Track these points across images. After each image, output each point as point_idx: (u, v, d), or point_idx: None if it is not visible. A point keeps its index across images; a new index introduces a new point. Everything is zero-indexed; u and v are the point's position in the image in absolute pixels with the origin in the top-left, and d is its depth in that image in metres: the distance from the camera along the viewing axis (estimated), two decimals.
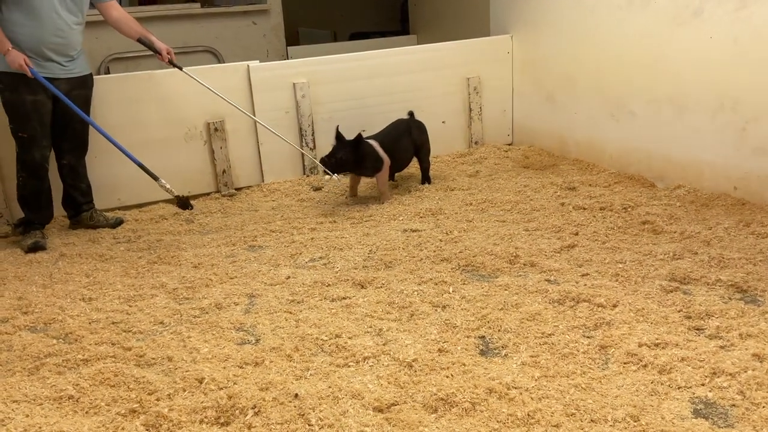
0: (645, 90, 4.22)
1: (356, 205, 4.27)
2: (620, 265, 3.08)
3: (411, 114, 4.58)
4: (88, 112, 3.94)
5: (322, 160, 4.04)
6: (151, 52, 4.16)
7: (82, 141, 3.99)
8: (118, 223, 4.12)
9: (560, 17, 4.80)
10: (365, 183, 4.52)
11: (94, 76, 4.07)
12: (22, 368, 2.50)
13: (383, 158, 4.14)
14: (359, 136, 4.02)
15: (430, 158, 4.65)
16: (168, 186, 3.66)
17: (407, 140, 4.40)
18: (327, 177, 4.29)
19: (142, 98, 4.35)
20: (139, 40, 4.03)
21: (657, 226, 3.50)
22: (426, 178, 4.62)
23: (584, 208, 3.85)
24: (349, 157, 4.00)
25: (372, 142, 4.14)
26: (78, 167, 4.03)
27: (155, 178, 3.69)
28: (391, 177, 4.53)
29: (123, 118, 4.31)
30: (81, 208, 4.11)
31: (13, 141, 3.77)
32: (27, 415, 2.20)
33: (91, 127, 3.97)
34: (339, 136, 4.05)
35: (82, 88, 3.90)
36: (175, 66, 4.11)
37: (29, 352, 2.61)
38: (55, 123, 3.82)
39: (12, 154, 3.83)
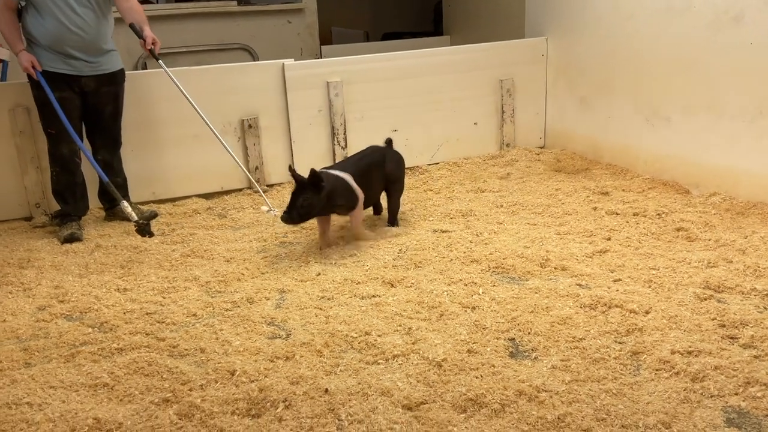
0: (681, 96, 4.16)
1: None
2: (653, 272, 3.05)
3: (389, 142, 3.92)
4: (118, 108, 4.02)
5: (284, 218, 3.32)
6: (183, 49, 4.13)
7: (113, 136, 4.04)
8: (152, 216, 4.18)
9: (597, 21, 4.76)
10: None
11: (134, 72, 4.10)
12: (58, 355, 2.56)
13: (357, 192, 3.51)
14: (313, 171, 3.31)
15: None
16: (129, 210, 3.62)
17: (378, 173, 3.73)
18: (265, 209, 3.94)
19: (177, 94, 4.40)
20: (131, 26, 3.88)
21: (691, 233, 3.45)
22: (393, 221, 3.86)
23: (617, 213, 3.81)
24: (313, 199, 3.30)
25: (343, 174, 3.49)
26: (112, 162, 4.08)
27: (119, 199, 3.65)
28: (376, 212, 4.07)
29: (159, 113, 4.39)
30: (116, 201, 4.17)
31: None
32: (63, 401, 2.25)
33: (123, 121, 4.04)
34: (296, 177, 3.34)
35: (111, 84, 3.93)
36: (154, 57, 3.91)
37: (65, 339, 2.68)
38: (87, 119, 3.86)
39: None
